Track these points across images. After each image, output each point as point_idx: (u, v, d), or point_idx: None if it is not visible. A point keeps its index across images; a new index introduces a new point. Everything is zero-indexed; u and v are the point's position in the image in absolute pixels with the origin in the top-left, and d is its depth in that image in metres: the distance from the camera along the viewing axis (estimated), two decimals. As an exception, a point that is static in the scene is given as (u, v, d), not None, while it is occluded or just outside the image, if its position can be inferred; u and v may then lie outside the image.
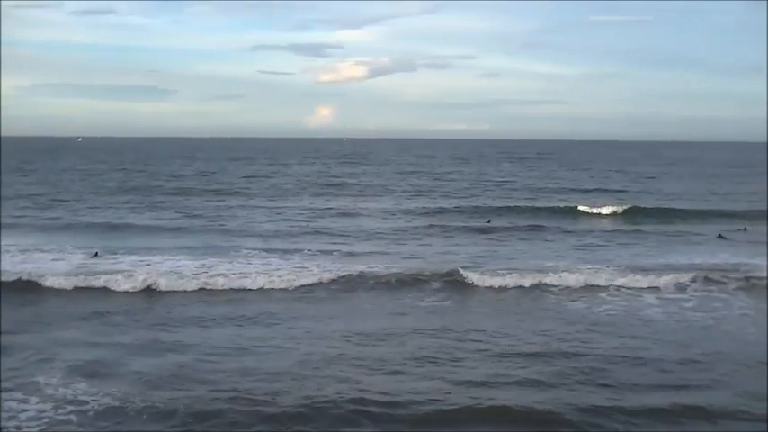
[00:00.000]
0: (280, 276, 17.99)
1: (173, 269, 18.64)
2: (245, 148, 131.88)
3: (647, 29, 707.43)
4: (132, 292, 16.91)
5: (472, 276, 18.02)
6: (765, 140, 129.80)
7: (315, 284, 17.65)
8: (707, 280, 17.93)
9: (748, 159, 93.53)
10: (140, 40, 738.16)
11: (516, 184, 49.80)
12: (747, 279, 18.06)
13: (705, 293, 17.00)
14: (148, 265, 19.25)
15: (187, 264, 19.45)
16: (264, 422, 9.41)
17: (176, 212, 32.59)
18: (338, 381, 10.86)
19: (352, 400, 9.98)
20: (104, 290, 17.04)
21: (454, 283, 17.79)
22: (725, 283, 17.73)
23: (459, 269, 18.46)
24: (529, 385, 10.75)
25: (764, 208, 32.62)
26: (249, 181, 51.06)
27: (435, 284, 17.64)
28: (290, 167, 69.52)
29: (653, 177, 57.21)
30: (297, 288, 17.36)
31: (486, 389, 10.58)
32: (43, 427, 9.23)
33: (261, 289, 17.30)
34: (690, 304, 16.13)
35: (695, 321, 14.76)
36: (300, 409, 9.69)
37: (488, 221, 29.90)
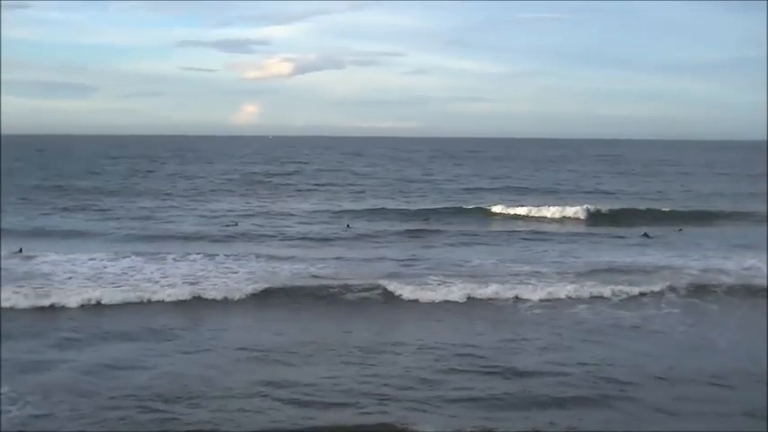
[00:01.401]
0: (191, 285, 17.18)
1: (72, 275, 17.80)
2: (168, 147, 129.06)
3: (576, 27, 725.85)
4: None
5: (397, 288, 16.98)
6: (690, 138, 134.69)
7: (223, 298, 16.39)
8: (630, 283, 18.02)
9: (679, 158, 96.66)
10: (61, 36, 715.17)
11: (452, 183, 49.78)
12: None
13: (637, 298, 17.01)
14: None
15: (83, 270, 18.57)
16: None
17: (94, 213, 31.55)
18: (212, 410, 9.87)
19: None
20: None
21: (376, 294, 16.76)
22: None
23: (382, 282, 17.34)
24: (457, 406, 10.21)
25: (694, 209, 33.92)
26: (172, 180, 49.90)
27: (355, 295, 16.64)
28: (214, 166, 68.21)
29: (593, 176, 58.30)
30: (203, 299, 16.26)
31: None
32: None
33: (161, 302, 16.06)
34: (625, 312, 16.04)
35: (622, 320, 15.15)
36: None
37: (426, 219, 30.20)
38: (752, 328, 14.74)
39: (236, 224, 28.55)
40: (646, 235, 26.58)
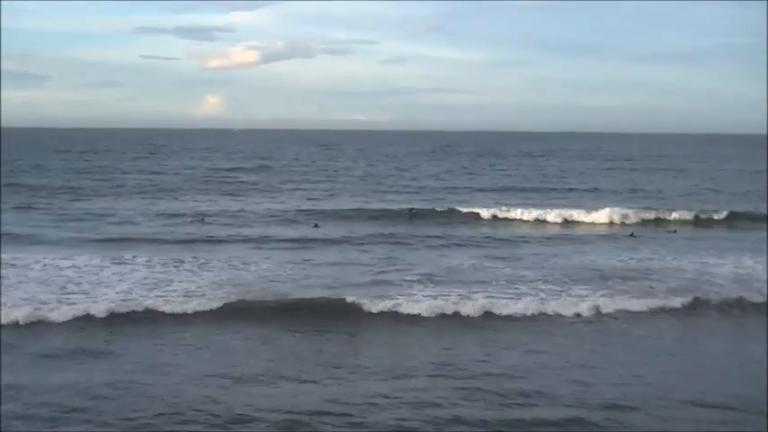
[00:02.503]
0: (147, 292, 16.53)
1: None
2: (127, 140, 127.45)
3: (561, 14, 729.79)
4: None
5: (364, 301, 15.98)
6: (681, 132, 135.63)
7: (176, 311, 15.40)
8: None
9: (660, 152, 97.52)
10: (5, 20, 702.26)
11: (433, 180, 49.28)
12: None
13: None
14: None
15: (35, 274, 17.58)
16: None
17: (42, 214, 30.55)
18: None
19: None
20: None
21: (338, 309, 15.69)
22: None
23: (348, 296, 16.28)
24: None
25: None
26: (130, 176, 49.11)
27: (319, 308, 15.66)
28: (174, 160, 67.46)
29: (581, 173, 58.07)
30: (155, 312, 15.35)
31: None
32: None
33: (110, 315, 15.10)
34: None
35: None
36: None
37: (413, 211, 30.00)
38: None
39: (203, 219, 28.59)
40: (632, 235, 26.72)
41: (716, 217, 32.22)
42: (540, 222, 31.10)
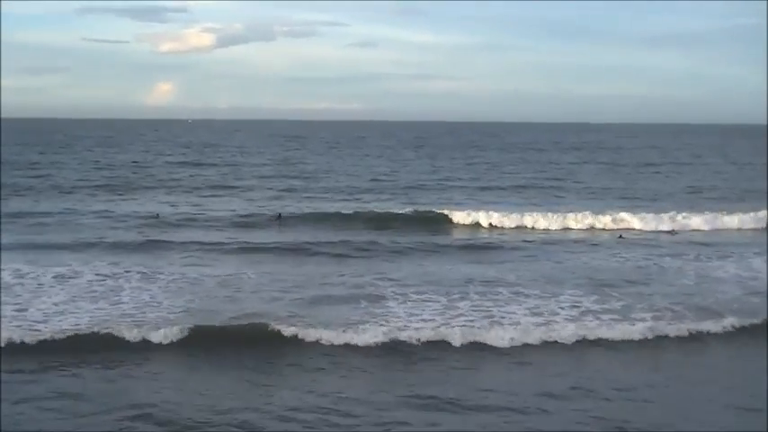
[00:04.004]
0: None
1: None
2: (70, 132, 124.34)
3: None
4: None
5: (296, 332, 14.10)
6: (676, 122, 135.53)
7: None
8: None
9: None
10: None
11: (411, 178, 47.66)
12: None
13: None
14: None
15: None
16: None
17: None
18: None
19: None
20: None
21: (271, 339, 13.93)
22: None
23: (273, 324, 14.38)
24: None
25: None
26: (73, 172, 47.25)
27: (262, 337, 13.92)
28: (123, 155, 65.82)
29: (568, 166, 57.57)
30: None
31: None
32: None
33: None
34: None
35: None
36: None
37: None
38: None
39: (158, 216, 28.56)
40: (620, 236, 26.17)
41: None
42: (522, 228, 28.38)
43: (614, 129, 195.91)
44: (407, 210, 31.00)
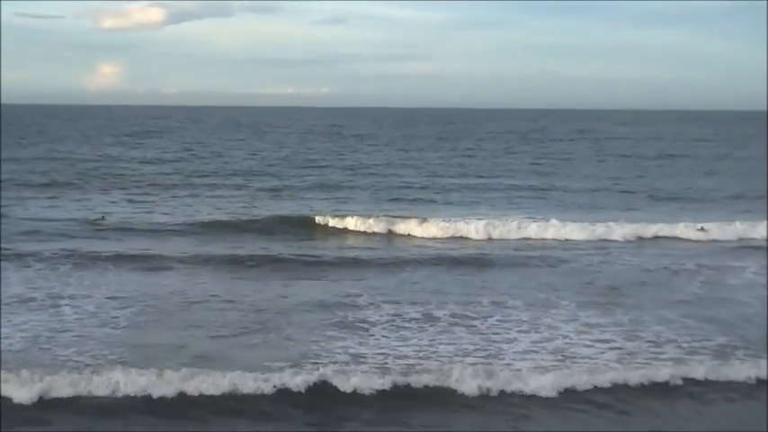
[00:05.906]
0: None
1: None
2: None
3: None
4: None
5: None
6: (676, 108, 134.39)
7: None
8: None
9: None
10: None
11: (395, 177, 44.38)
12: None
13: None
14: None
15: None
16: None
17: None
18: None
19: None
20: None
21: None
22: None
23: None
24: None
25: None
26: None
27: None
28: (62, 144, 63.99)
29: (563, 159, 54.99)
30: None
31: None
32: None
33: None
34: None
35: None
36: None
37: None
38: None
39: (103, 217, 27.59)
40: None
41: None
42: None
43: (605, 115, 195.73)
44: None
